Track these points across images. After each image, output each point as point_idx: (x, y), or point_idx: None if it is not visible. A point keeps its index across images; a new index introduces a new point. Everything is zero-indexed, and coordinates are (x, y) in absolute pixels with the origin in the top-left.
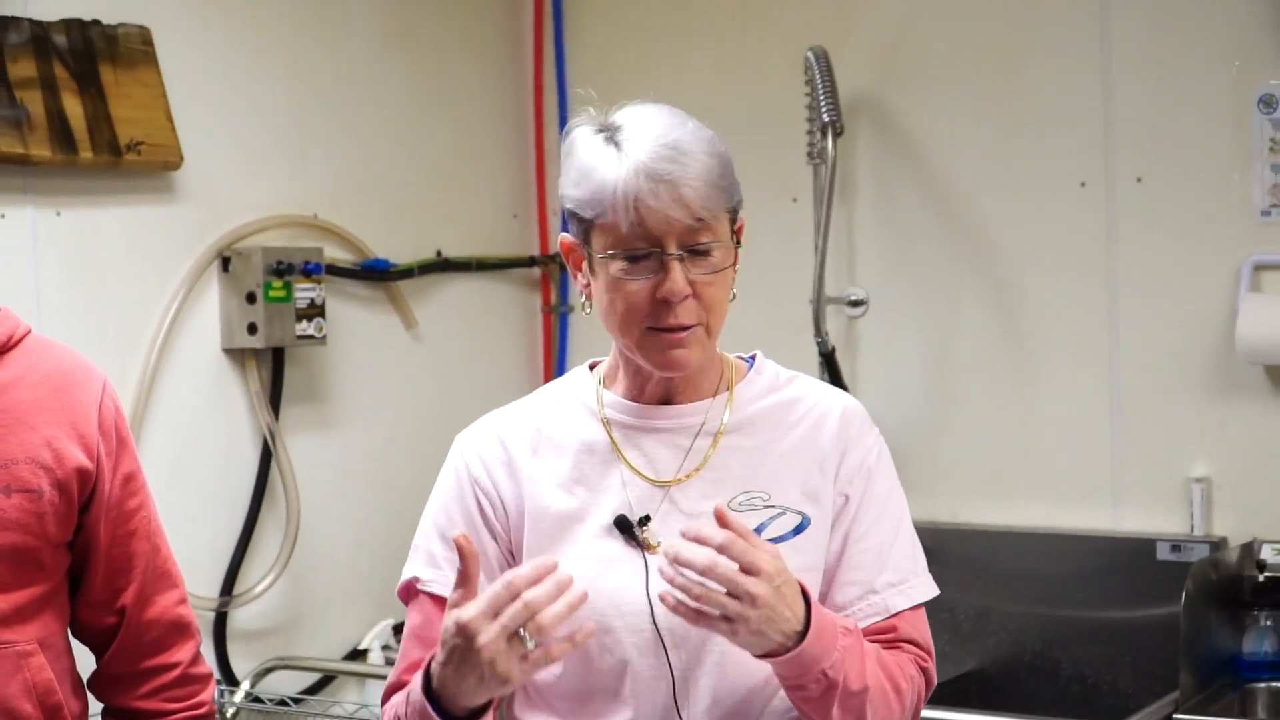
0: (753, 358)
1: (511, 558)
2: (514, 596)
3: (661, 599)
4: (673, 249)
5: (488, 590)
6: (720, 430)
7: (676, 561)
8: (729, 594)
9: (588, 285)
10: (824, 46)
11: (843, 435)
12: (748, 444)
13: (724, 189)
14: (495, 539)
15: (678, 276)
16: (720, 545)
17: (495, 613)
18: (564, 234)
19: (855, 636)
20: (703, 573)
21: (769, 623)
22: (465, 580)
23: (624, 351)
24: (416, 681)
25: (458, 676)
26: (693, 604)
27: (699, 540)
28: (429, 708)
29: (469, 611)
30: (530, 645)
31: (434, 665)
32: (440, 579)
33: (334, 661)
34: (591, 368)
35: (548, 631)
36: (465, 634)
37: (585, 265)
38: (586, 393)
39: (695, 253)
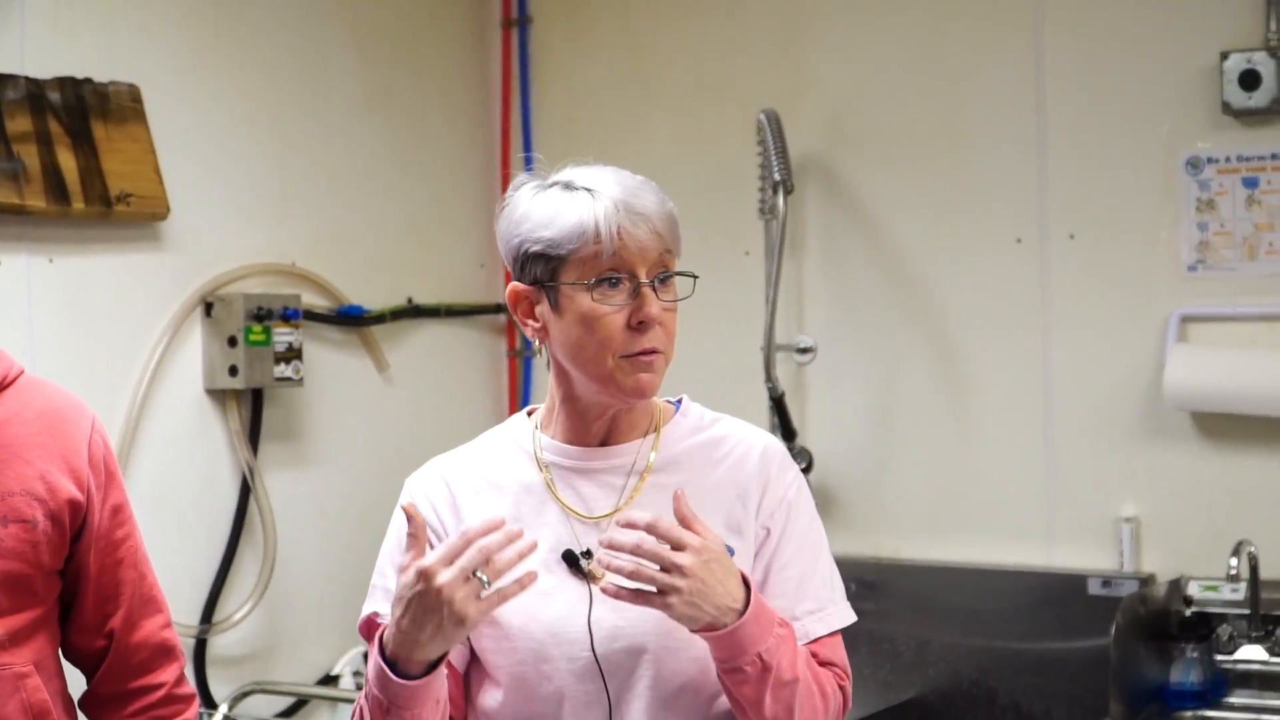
0: (679, 401)
1: None
2: (468, 545)
3: (603, 590)
4: (644, 277)
5: (444, 543)
6: (648, 469)
7: (611, 546)
8: (661, 569)
9: (543, 329)
10: (775, 110)
11: (763, 472)
12: (674, 481)
13: (677, 229)
14: None
15: (654, 300)
16: (648, 525)
17: (452, 559)
18: (515, 284)
19: (789, 630)
20: (632, 551)
21: (700, 595)
22: (414, 544)
23: (582, 387)
24: (372, 655)
25: (416, 626)
26: (630, 584)
27: (631, 525)
28: (386, 669)
29: (428, 560)
30: (486, 583)
31: (387, 630)
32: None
33: (308, 686)
34: (529, 414)
35: (502, 573)
36: (425, 577)
37: (543, 308)
38: (524, 437)
39: (662, 281)
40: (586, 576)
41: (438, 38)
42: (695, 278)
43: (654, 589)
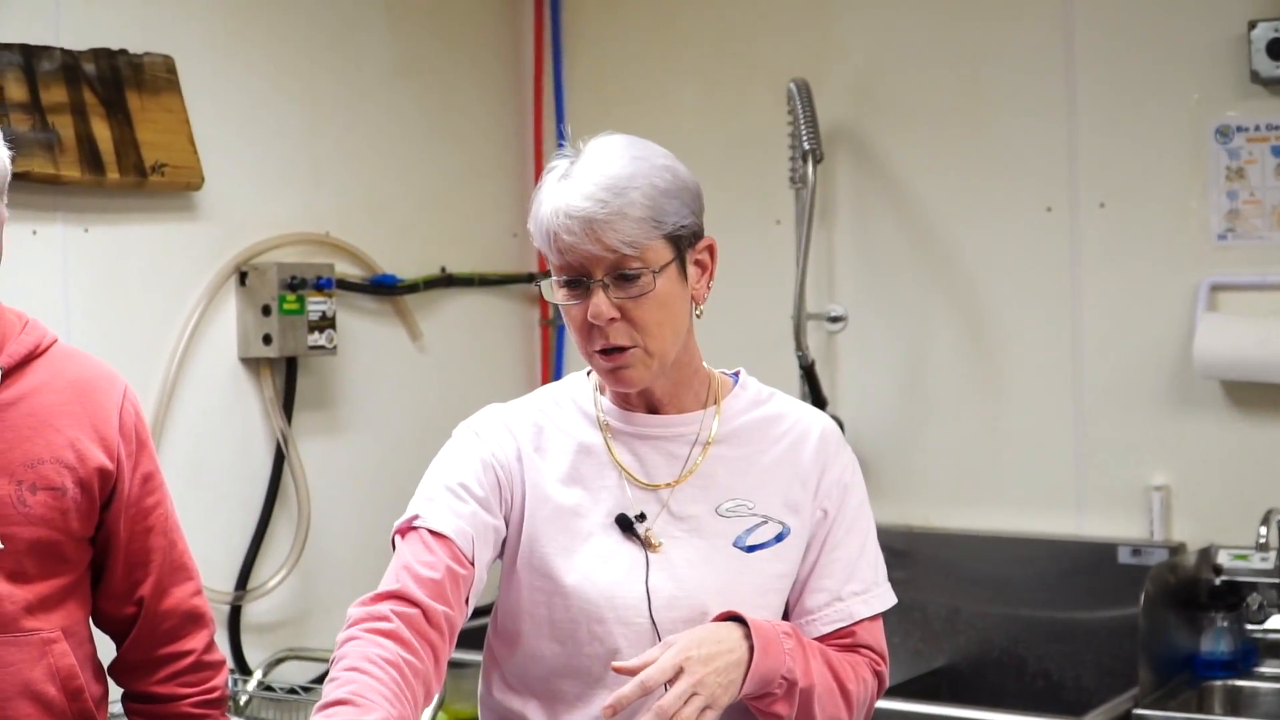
0: (737, 374)
1: (505, 525)
2: None
3: None
4: (597, 276)
5: None
6: (709, 440)
7: None
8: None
9: None
10: (805, 79)
11: (822, 453)
12: (734, 454)
13: (653, 221)
14: (501, 506)
15: (598, 300)
16: (644, 687)
17: None
18: None
19: (795, 637)
20: (660, 715)
21: (722, 675)
22: None
23: None
24: None
25: None
26: None
27: (622, 704)
28: None
29: None
30: None
31: None
32: (435, 513)
33: None
34: (589, 374)
35: None
36: None
37: None
38: (583, 397)
39: (622, 278)
40: (643, 542)
41: (470, 6)
42: (640, 276)
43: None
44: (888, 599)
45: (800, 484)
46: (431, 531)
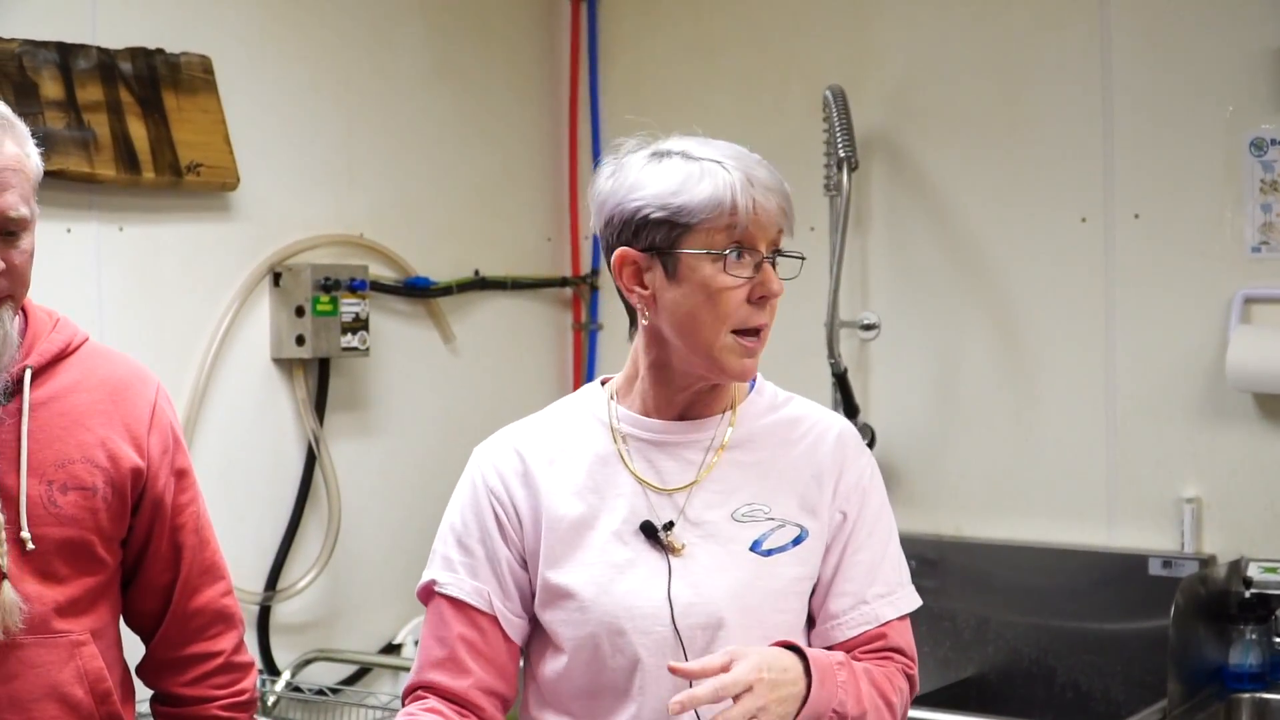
0: (753, 379)
1: (524, 564)
2: None
3: None
4: (766, 252)
5: None
6: (724, 445)
7: None
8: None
9: (651, 297)
10: (841, 86)
11: (839, 455)
12: (750, 459)
13: (793, 209)
14: (508, 545)
15: (775, 276)
16: (714, 696)
17: None
18: (625, 249)
19: (848, 667)
20: None
21: (783, 705)
22: None
23: (680, 359)
24: None
25: None
26: None
27: (692, 704)
28: None
29: None
30: None
31: None
32: (455, 582)
33: (370, 654)
34: (603, 384)
35: None
36: None
37: (654, 275)
38: (599, 407)
39: (779, 256)
40: (666, 549)
41: (506, 8)
42: (803, 259)
43: None
44: (912, 600)
45: (816, 485)
46: (446, 597)
